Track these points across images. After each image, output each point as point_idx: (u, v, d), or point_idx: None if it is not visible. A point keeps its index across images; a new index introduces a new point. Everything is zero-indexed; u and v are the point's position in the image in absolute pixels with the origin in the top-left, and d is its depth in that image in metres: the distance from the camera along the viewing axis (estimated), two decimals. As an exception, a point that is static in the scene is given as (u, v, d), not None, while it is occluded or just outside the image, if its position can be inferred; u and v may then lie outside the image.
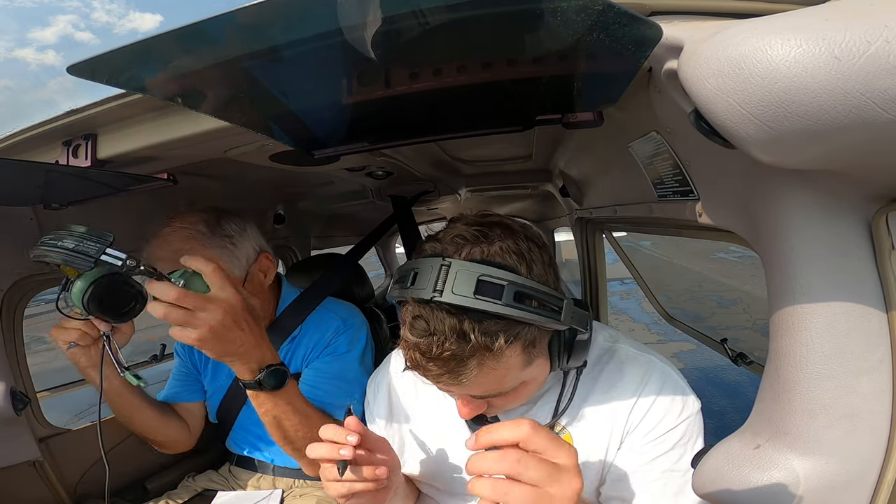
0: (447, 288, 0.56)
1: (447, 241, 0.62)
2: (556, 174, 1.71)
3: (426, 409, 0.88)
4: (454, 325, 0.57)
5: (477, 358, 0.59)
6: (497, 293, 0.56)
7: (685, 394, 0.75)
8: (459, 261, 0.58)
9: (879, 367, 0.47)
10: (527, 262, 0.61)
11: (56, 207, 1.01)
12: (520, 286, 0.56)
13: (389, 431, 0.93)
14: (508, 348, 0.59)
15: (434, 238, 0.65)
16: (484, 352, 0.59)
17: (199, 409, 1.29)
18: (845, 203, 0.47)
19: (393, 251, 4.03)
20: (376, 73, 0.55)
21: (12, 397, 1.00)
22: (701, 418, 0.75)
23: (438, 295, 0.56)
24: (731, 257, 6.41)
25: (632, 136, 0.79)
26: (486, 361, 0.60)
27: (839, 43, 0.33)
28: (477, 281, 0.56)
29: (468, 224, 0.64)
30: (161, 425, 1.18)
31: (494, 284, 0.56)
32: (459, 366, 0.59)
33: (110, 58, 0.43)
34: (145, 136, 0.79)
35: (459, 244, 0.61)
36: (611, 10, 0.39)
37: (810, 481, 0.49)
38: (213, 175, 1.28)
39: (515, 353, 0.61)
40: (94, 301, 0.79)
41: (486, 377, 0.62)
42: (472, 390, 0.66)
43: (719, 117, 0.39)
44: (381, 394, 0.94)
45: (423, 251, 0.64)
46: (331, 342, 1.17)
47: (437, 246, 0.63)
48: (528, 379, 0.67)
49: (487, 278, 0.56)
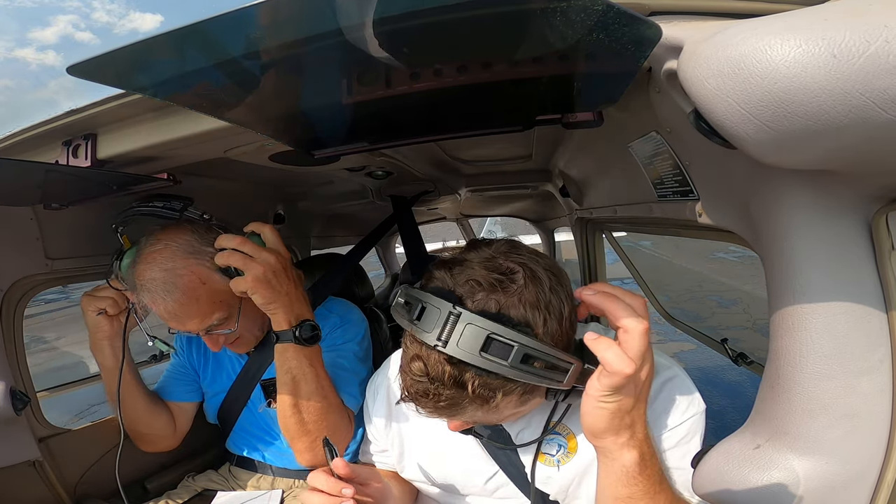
0: (452, 340, 0.54)
1: (461, 283, 0.59)
2: (556, 174, 1.71)
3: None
4: (454, 374, 0.56)
5: (474, 406, 0.59)
6: (504, 354, 0.54)
7: (691, 393, 0.75)
8: (470, 313, 0.55)
9: (879, 367, 0.47)
10: (543, 317, 0.58)
11: (56, 207, 1.01)
12: (529, 349, 0.54)
13: (388, 433, 0.93)
14: (503, 400, 0.59)
15: (448, 269, 0.61)
16: (480, 402, 0.59)
17: (189, 410, 1.27)
18: (845, 203, 0.47)
19: (393, 251, 4.02)
20: (376, 73, 0.55)
21: (12, 397, 1.00)
22: (704, 419, 0.75)
23: (442, 346, 0.54)
24: (730, 257, 6.40)
25: (632, 136, 0.79)
26: (481, 409, 0.60)
27: (839, 43, 0.33)
28: (485, 339, 0.54)
29: (487, 268, 0.59)
30: (149, 416, 1.17)
31: (503, 344, 0.54)
32: (455, 409, 0.60)
33: (110, 58, 0.43)
34: (145, 136, 0.79)
35: (473, 289, 0.58)
36: (611, 10, 0.39)
37: (810, 481, 0.49)
38: (213, 175, 1.28)
39: (510, 403, 0.62)
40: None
41: (479, 417, 0.63)
42: (452, 419, 0.67)
43: (719, 117, 0.39)
44: (380, 396, 0.94)
45: (433, 282, 0.61)
46: (327, 337, 1.17)
47: (449, 282, 0.59)
48: (522, 410, 0.68)
49: (497, 337, 0.54)
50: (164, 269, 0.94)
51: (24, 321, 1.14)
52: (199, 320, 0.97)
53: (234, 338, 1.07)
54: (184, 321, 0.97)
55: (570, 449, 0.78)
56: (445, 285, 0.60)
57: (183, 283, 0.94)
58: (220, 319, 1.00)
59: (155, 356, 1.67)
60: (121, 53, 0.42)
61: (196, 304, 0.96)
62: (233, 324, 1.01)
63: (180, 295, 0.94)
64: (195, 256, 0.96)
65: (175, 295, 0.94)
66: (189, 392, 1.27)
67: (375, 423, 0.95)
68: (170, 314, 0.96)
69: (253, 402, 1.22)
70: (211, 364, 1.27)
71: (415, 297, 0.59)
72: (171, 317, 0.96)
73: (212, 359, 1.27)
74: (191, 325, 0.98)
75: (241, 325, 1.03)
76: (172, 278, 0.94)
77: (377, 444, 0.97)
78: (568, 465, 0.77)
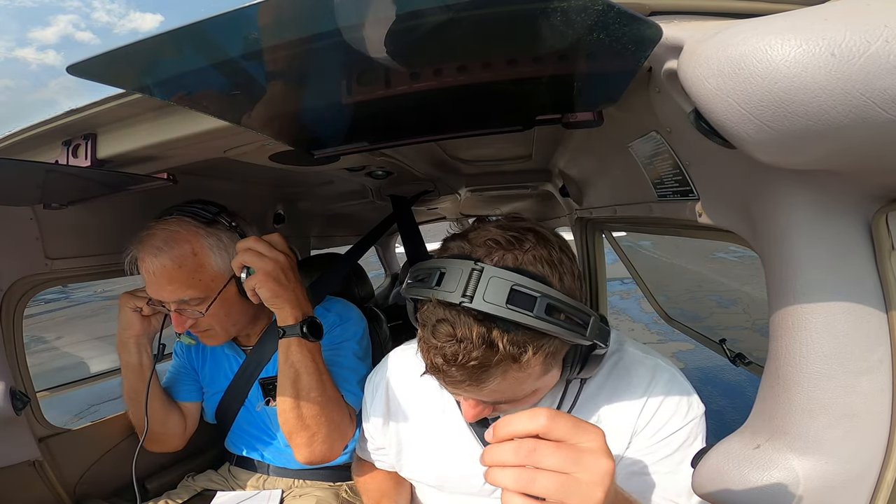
0: (478, 294, 0.54)
1: (478, 244, 0.60)
2: (556, 174, 1.71)
3: (425, 410, 0.88)
4: (482, 332, 0.56)
5: (502, 367, 0.58)
6: (529, 304, 0.54)
7: (690, 396, 0.75)
8: (492, 267, 0.56)
9: (879, 367, 0.47)
10: (559, 273, 0.59)
11: (56, 207, 1.01)
12: (552, 299, 0.55)
13: (386, 432, 0.92)
14: (534, 358, 0.59)
15: (462, 237, 0.62)
16: (510, 361, 0.58)
17: (195, 410, 1.29)
18: (845, 203, 0.47)
19: (393, 251, 4.02)
20: (376, 73, 0.55)
21: (12, 397, 1.00)
22: (704, 421, 0.75)
23: (468, 301, 0.54)
24: (730, 257, 6.41)
25: (632, 136, 0.79)
26: (509, 370, 0.59)
27: (839, 43, 0.33)
28: (510, 290, 0.54)
29: (501, 228, 0.61)
30: (164, 416, 1.19)
31: (527, 295, 0.54)
32: (483, 373, 0.58)
33: (110, 57, 0.43)
34: (145, 136, 0.79)
35: (491, 248, 0.59)
36: (611, 10, 0.39)
37: (810, 481, 0.49)
38: (213, 175, 1.28)
39: (538, 363, 0.61)
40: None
41: (505, 385, 0.61)
42: (488, 397, 0.65)
43: (719, 117, 0.39)
44: (378, 394, 0.94)
45: (449, 250, 0.62)
46: (327, 335, 1.17)
47: (466, 246, 0.61)
48: (540, 387, 0.67)
49: (521, 288, 0.54)
50: (165, 231, 1.00)
51: (24, 321, 1.14)
52: (174, 289, 1.00)
53: (205, 327, 1.08)
54: (162, 286, 1.00)
55: None
56: (462, 250, 0.61)
57: (178, 247, 0.99)
58: (194, 299, 1.02)
59: (155, 356, 1.67)
60: (120, 53, 0.42)
61: (178, 270, 0.99)
62: (203, 308, 1.04)
63: (168, 258, 0.98)
64: (201, 230, 1.02)
65: (168, 255, 0.98)
66: (194, 392, 1.28)
67: (373, 422, 0.94)
68: (151, 275, 0.99)
69: (251, 400, 1.22)
70: (209, 363, 1.27)
71: (431, 267, 0.59)
72: (152, 279, 1.00)
73: (210, 358, 1.27)
74: (165, 293, 1.01)
75: (212, 315, 1.04)
76: (170, 240, 0.99)
77: (374, 442, 0.97)
78: None
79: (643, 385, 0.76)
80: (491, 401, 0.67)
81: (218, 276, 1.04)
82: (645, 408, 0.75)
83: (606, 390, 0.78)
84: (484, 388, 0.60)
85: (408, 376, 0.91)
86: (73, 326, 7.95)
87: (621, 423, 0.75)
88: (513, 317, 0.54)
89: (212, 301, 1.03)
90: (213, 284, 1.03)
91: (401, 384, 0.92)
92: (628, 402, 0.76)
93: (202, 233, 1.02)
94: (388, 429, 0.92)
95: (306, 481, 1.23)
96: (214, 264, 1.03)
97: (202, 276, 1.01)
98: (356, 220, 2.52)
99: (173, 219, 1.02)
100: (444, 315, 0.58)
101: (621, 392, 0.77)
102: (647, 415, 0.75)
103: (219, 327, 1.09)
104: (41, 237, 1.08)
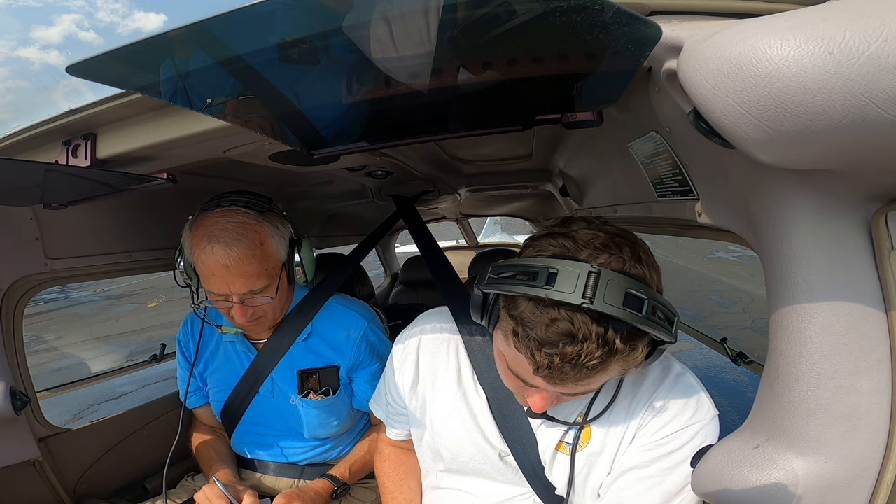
0: (598, 296, 0.55)
1: (582, 244, 0.61)
2: (556, 174, 1.71)
3: (449, 382, 0.88)
4: (600, 332, 0.57)
5: (613, 364, 0.60)
6: (639, 305, 0.56)
7: (699, 398, 0.75)
8: (608, 270, 0.57)
9: (878, 366, 0.47)
10: (654, 273, 0.62)
11: (56, 207, 1.01)
12: (655, 300, 0.57)
13: (413, 398, 0.91)
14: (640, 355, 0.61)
15: (564, 235, 0.63)
16: (621, 359, 0.59)
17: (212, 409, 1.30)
18: (845, 203, 0.47)
19: (393, 251, 4.03)
20: (376, 73, 0.55)
21: (12, 397, 1.00)
22: (716, 426, 0.75)
23: (589, 302, 0.55)
24: (729, 257, 6.41)
25: (632, 135, 0.79)
26: (613, 366, 0.61)
27: (838, 42, 0.33)
28: (625, 293, 0.56)
29: (598, 230, 0.63)
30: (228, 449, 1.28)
31: (637, 297, 0.57)
32: (595, 372, 0.60)
33: (110, 58, 0.43)
34: (145, 136, 0.79)
35: (598, 250, 0.60)
36: (611, 10, 0.39)
37: (809, 481, 0.49)
38: (213, 175, 1.28)
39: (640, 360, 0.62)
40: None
41: (596, 380, 0.63)
42: (573, 389, 0.65)
43: (718, 117, 0.39)
44: (409, 359, 0.92)
45: (548, 251, 0.62)
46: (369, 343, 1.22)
47: (569, 246, 0.61)
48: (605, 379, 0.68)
49: (633, 291, 0.57)
50: (234, 222, 0.99)
51: (24, 321, 1.14)
52: (246, 280, 1.00)
53: (261, 314, 1.08)
54: (234, 277, 0.99)
55: (584, 438, 0.79)
56: (565, 251, 0.61)
57: (249, 236, 0.99)
58: (263, 286, 1.03)
59: (155, 356, 1.67)
60: (120, 53, 0.42)
61: (251, 261, 0.99)
62: (272, 292, 1.05)
63: (245, 247, 0.98)
64: (262, 217, 1.03)
65: (240, 246, 0.98)
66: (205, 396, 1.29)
67: (400, 385, 0.93)
68: (223, 267, 0.98)
69: (262, 395, 1.20)
70: (218, 361, 1.24)
71: (535, 266, 0.60)
72: (224, 271, 0.98)
73: (220, 355, 1.24)
74: (236, 285, 1.00)
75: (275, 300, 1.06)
76: (242, 230, 0.99)
77: (395, 406, 0.96)
78: (581, 453, 0.78)
79: (654, 383, 0.77)
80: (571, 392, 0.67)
81: (279, 263, 1.06)
82: (651, 405, 0.76)
83: (624, 386, 0.79)
84: (590, 384, 0.62)
85: (439, 346, 0.91)
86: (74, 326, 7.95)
87: (629, 418, 0.76)
88: (628, 318, 0.56)
89: (277, 286, 1.05)
90: (275, 271, 1.05)
91: (431, 352, 0.91)
92: (638, 398, 0.77)
93: (264, 222, 1.03)
94: (416, 395, 0.91)
95: (307, 481, 1.23)
96: (276, 252, 1.04)
97: (268, 264, 1.03)
98: (356, 220, 2.52)
99: (235, 210, 1.01)
100: (560, 315, 0.58)
101: (635, 389, 0.78)
102: (653, 412, 0.75)
103: (272, 313, 1.11)
104: (41, 237, 1.08)
